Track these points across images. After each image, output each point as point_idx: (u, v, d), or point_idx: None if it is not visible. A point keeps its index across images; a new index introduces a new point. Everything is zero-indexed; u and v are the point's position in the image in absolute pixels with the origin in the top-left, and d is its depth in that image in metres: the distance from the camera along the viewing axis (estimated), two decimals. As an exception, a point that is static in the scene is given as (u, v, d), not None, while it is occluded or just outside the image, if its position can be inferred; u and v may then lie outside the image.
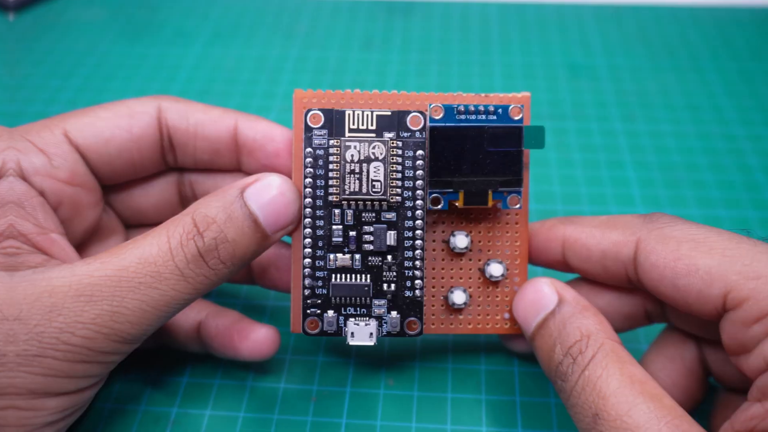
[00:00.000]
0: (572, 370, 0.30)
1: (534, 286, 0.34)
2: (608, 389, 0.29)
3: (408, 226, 0.34)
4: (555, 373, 0.32)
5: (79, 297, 0.28)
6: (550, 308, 0.33)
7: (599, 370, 0.29)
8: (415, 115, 0.34)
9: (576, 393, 0.30)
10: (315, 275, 0.34)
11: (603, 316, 0.33)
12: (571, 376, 0.30)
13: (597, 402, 0.28)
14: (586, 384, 0.29)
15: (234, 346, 0.37)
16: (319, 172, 0.33)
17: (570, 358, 0.31)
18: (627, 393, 0.28)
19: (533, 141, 0.35)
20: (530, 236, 0.37)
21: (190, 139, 0.38)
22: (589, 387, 0.29)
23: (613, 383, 0.29)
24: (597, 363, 0.30)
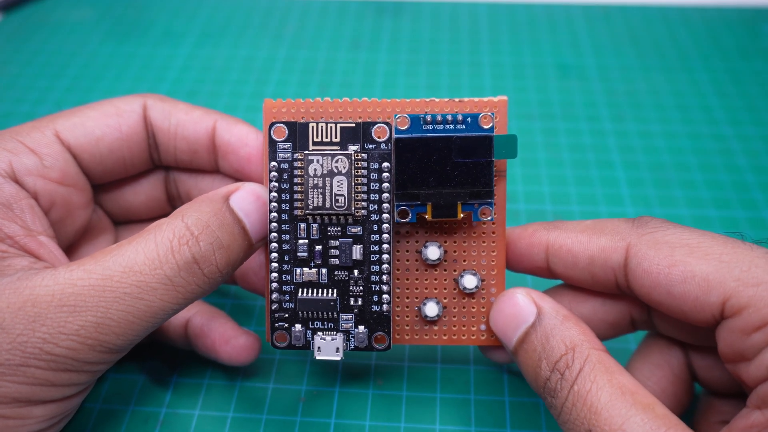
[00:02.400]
0: (561, 386, 0.30)
1: (509, 299, 0.33)
2: (599, 403, 0.28)
3: (374, 240, 0.33)
4: (543, 390, 0.31)
5: (62, 307, 0.28)
6: (529, 321, 0.32)
7: (588, 384, 0.29)
8: (381, 126, 0.33)
9: (567, 410, 0.29)
10: (282, 289, 0.34)
11: (585, 324, 0.32)
12: (560, 393, 0.29)
13: (590, 417, 0.28)
14: (576, 400, 0.29)
15: (215, 349, 0.37)
16: (284, 186, 0.33)
17: (557, 373, 0.30)
18: (619, 405, 0.27)
19: (504, 151, 0.33)
20: (511, 242, 0.36)
21: (171, 139, 0.38)
22: (579, 402, 0.28)
23: (604, 396, 0.28)
24: (585, 376, 0.29)
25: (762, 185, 0.53)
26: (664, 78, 0.65)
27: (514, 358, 0.33)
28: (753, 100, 0.61)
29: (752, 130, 0.58)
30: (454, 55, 0.68)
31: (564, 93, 0.63)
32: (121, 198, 0.39)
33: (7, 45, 0.70)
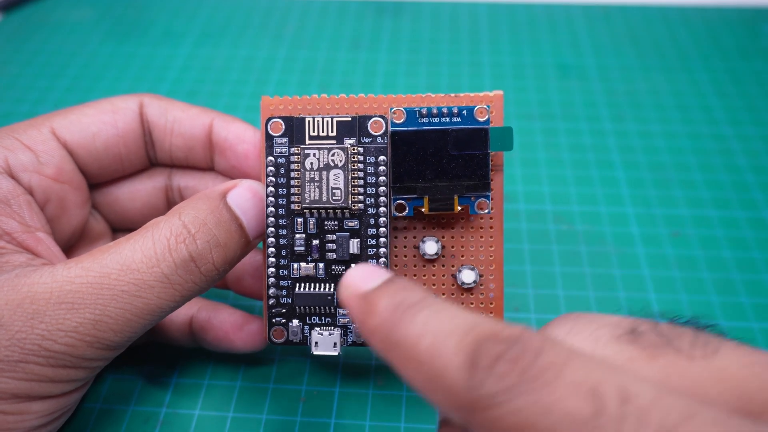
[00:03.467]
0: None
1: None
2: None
3: (371, 233, 0.33)
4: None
5: (60, 305, 0.28)
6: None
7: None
8: (376, 120, 0.33)
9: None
10: (279, 284, 0.34)
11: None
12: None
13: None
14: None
15: (229, 338, 0.37)
16: (281, 181, 0.33)
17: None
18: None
19: (500, 143, 0.33)
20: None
21: (167, 136, 0.38)
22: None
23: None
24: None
25: (762, 185, 0.53)
26: (664, 78, 0.65)
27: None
28: (753, 100, 0.61)
29: (752, 130, 0.58)
30: (454, 55, 0.68)
31: (564, 93, 0.63)
32: (119, 203, 0.39)
33: (7, 45, 0.70)
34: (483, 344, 0.21)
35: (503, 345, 0.20)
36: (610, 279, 0.46)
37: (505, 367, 0.20)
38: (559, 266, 0.47)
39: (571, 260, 0.47)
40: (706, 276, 0.46)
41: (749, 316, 0.43)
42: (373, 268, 0.26)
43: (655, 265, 0.47)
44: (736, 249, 0.48)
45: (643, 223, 0.50)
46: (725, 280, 0.46)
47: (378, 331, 0.23)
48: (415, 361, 0.22)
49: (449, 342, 0.21)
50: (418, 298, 0.23)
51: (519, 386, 0.19)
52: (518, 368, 0.20)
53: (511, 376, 0.19)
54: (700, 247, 0.48)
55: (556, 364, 0.19)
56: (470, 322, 0.22)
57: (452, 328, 0.22)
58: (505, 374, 0.20)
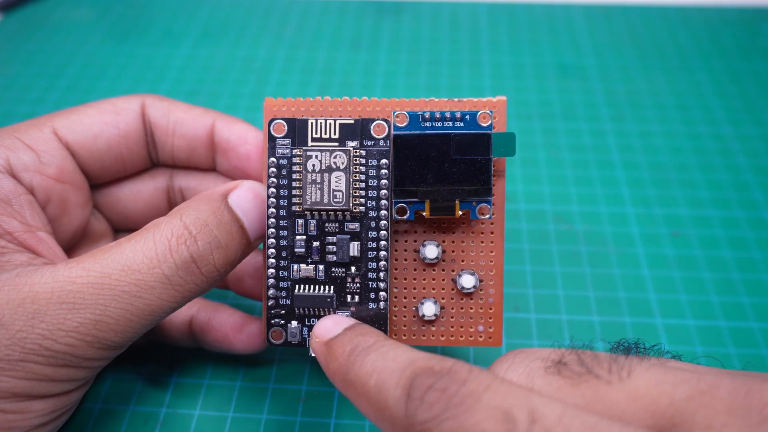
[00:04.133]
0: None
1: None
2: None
3: (372, 236, 0.33)
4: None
5: (61, 304, 0.28)
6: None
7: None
8: (379, 123, 0.33)
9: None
10: (279, 285, 0.34)
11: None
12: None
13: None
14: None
15: (228, 339, 0.37)
16: (283, 182, 0.33)
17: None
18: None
19: (503, 148, 0.33)
20: None
21: (169, 136, 0.38)
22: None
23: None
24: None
25: (762, 185, 0.53)
26: (664, 78, 0.65)
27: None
28: (753, 100, 0.61)
29: (752, 130, 0.58)
30: (454, 55, 0.68)
31: (564, 93, 0.63)
32: (121, 204, 0.39)
33: (7, 45, 0.70)
34: (417, 378, 0.24)
35: (434, 377, 0.24)
36: (610, 279, 0.46)
37: (433, 396, 0.23)
38: (559, 266, 0.47)
39: (571, 260, 0.47)
40: (706, 276, 0.46)
41: (749, 316, 0.43)
42: (339, 319, 0.31)
43: (655, 265, 0.47)
44: (736, 249, 0.48)
45: (643, 223, 0.50)
46: (725, 280, 0.46)
47: (337, 373, 0.28)
48: (365, 397, 0.26)
49: (391, 378, 0.25)
50: (371, 342, 0.27)
51: (445, 412, 0.22)
52: (445, 397, 0.23)
53: (439, 404, 0.23)
54: (700, 247, 0.48)
55: (477, 392, 0.22)
56: (409, 359, 0.25)
57: (394, 366, 0.25)
58: (434, 402, 0.23)
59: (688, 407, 0.22)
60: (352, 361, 0.27)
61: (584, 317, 0.43)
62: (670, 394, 0.23)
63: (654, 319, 0.43)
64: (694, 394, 0.23)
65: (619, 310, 0.44)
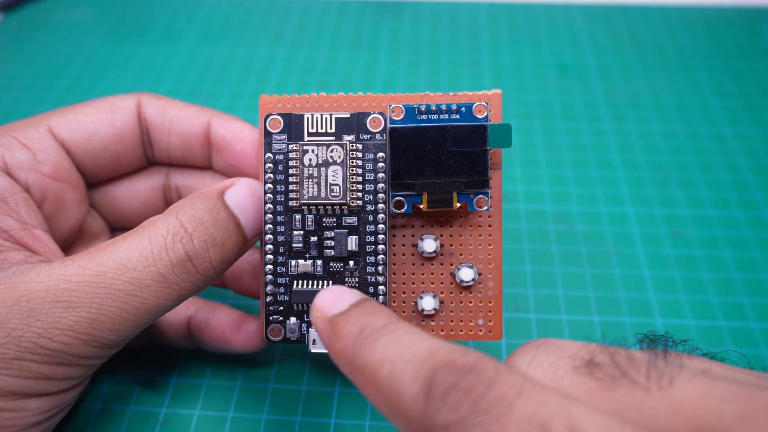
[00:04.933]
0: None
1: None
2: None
3: (370, 230, 0.33)
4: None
5: (56, 303, 0.28)
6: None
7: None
8: (375, 116, 0.33)
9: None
10: (277, 282, 0.34)
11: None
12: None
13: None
14: None
15: (227, 339, 0.37)
16: (280, 177, 0.33)
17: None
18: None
19: (499, 140, 0.33)
20: None
21: (165, 134, 0.38)
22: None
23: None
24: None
25: (762, 185, 0.53)
26: (664, 78, 0.65)
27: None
28: (753, 100, 0.61)
29: (752, 130, 0.58)
30: (454, 55, 0.68)
31: (564, 93, 0.63)
32: (117, 203, 0.39)
33: (7, 45, 0.70)
34: (438, 373, 0.22)
35: (458, 374, 0.21)
36: (610, 279, 0.46)
37: (458, 397, 0.21)
38: (559, 266, 0.47)
39: (571, 260, 0.47)
40: (706, 276, 0.46)
41: (749, 316, 0.43)
42: (343, 291, 0.28)
43: (655, 265, 0.47)
44: (736, 249, 0.48)
45: (643, 223, 0.50)
46: (725, 280, 0.46)
47: (342, 355, 0.25)
48: (375, 387, 0.23)
49: (407, 370, 0.22)
50: (382, 324, 0.25)
51: (471, 418, 0.20)
52: (471, 399, 0.21)
53: (464, 408, 0.21)
54: (700, 247, 0.48)
55: (508, 397, 0.20)
56: (428, 349, 0.23)
57: (410, 356, 0.23)
58: (458, 405, 0.21)
59: (740, 427, 0.21)
60: (360, 344, 0.25)
61: (584, 317, 0.43)
62: (718, 411, 0.21)
63: (654, 319, 0.43)
64: (746, 413, 0.21)
65: (619, 310, 0.44)
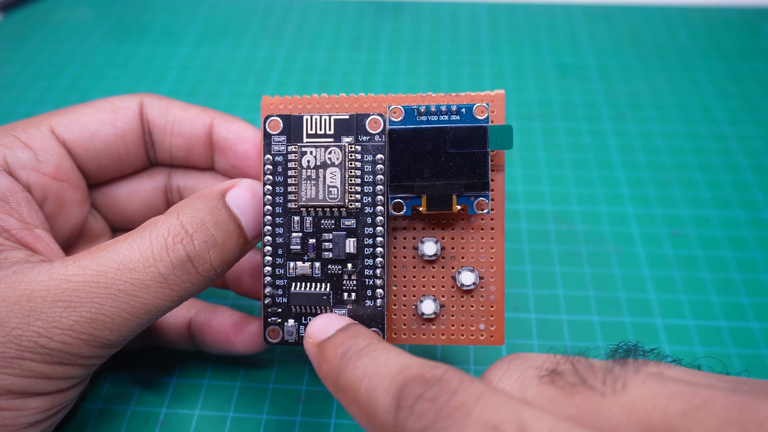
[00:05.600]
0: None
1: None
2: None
3: (368, 233, 0.33)
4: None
5: (57, 302, 0.28)
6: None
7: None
8: (374, 118, 0.33)
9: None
10: (275, 284, 0.34)
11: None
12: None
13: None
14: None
15: (229, 340, 0.37)
16: (278, 179, 0.33)
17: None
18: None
19: (500, 141, 0.32)
20: None
21: (167, 135, 0.38)
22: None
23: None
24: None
25: (762, 185, 0.53)
26: (664, 78, 0.65)
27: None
28: (753, 100, 0.61)
29: (752, 130, 0.58)
30: (454, 55, 0.68)
31: (564, 93, 0.63)
32: (118, 203, 0.39)
33: (7, 45, 0.70)
34: (408, 386, 0.24)
35: (425, 386, 0.23)
36: (610, 279, 0.46)
37: (423, 406, 0.23)
38: (559, 266, 0.47)
39: (571, 260, 0.47)
40: (706, 276, 0.46)
41: (749, 316, 0.43)
42: (333, 319, 0.30)
43: (655, 265, 0.47)
44: (736, 249, 0.48)
45: (643, 223, 0.50)
46: (725, 280, 0.46)
47: (329, 376, 0.27)
48: (355, 403, 0.25)
49: (381, 385, 0.24)
50: (363, 345, 0.27)
51: (434, 424, 0.22)
52: (435, 407, 0.22)
53: (428, 415, 0.22)
54: (700, 247, 0.48)
55: (467, 404, 0.22)
56: (400, 365, 0.25)
57: (385, 372, 0.25)
58: (423, 413, 0.23)
59: (682, 423, 0.22)
60: (343, 364, 0.27)
61: (584, 317, 0.43)
62: (664, 408, 0.22)
63: (654, 319, 0.43)
64: (688, 409, 0.22)
65: (619, 310, 0.44)
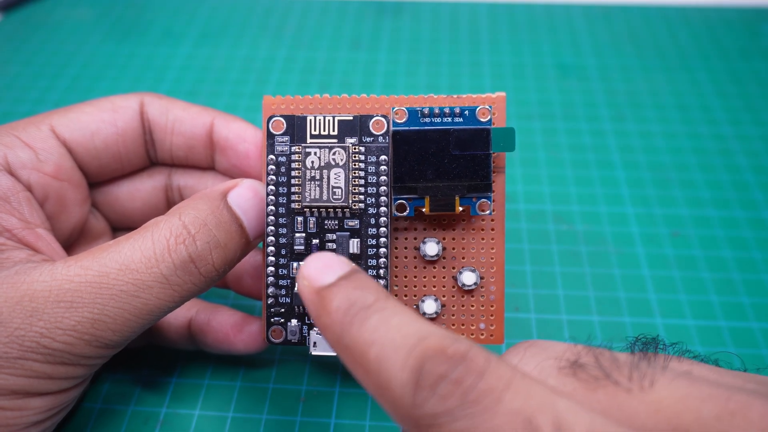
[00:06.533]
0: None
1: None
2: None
3: (371, 233, 0.33)
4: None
5: (59, 303, 0.28)
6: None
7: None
8: (378, 119, 0.33)
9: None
10: (278, 284, 0.34)
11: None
12: None
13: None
14: None
15: (229, 340, 0.37)
16: (282, 179, 0.33)
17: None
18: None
19: (502, 143, 0.33)
20: None
21: (168, 135, 0.38)
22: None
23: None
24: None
25: (762, 185, 0.53)
26: (664, 78, 0.65)
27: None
28: (752, 100, 0.61)
29: (752, 130, 0.58)
30: (454, 55, 0.68)
31: (564, 93, 0.63)
32: (119, 203, 0.39)
33: (7, 45, 0.70)
34: (428, 362, 0.22)
35: (448, 364, 0.21)
36: (610, 279, 0.46)
37: (448, 388, 0.21)
38: (559, 266, 0.47)
39: (571, 260, 0.47)
40: (706, 276, 0.46)
41: (749, 316, 0.43)
42: (332, 259, 0.26)
43: (655, 265, 0.47)
44: (736, 249, 0.48)
45: (643, 223, 0.50)
46: (725, 280, 0.46)
47: (329, 330, 0.24)
48: (363, 369, 0.23)
49: (396, 356, 0.22)
50: (371, 301, 0.24)
51: (460, 409, 0.21)
52: (460, 391, 0.21)
53: (453, 399, 0.21)
54: (700, 247, 0.48)
55: (497, 389, 0.21)
56: (417, 334, 0.23)
57: (400, 341, 0.22)
58: (447, 396, 0.21)
59: (717, 427, 0.21)
60: (348, 322, 0.24)
61: (584, 317, 0.43)
62: (697, 411, 0.21)
63: (654, 319, 0.43)
64: (723, 415, 0.21)
65: (619, 310, 0.44)
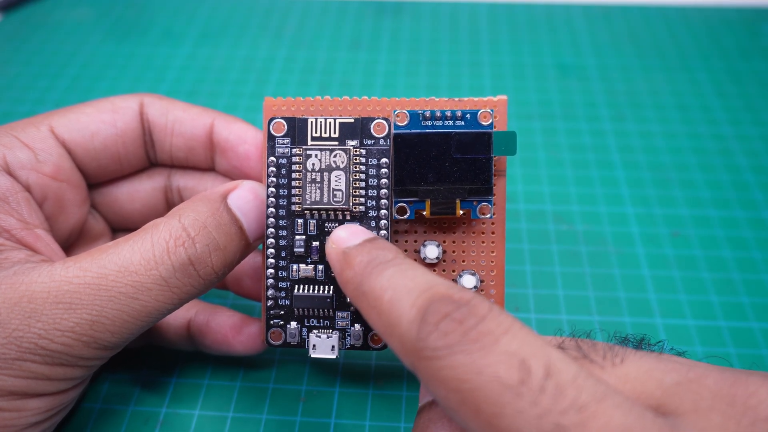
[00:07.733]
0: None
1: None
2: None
3: None
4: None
5: (57, 304, 0.28)
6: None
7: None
8: (379, 122, 0.33)
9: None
10: (278, 286, 0.33)
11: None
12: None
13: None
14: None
15: (227, 341, 0.37)
16: (282, 181, 0.33)
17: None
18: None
19: (503, 147, 0.33)
20: None
21: (167, 136, 0.38)
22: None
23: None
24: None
25: (762, 185, 0.53)
26: (664, 78, 0.64)
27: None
28: (752, 100, 0.61)
29: (752, 130, 0.58)
30: (454, 55, 0.68)
31: (564, 93, 0.63)
32: (118, 204, 0.39)
33: (7, 45, 0.70)
34: (435, 303, 0.24)
35: (452, 306, 0.24)
36: (610, 279, 0.46)
37: (450, 325, 0.23)
38: (559, 266, 0.47)
39: (571, 260, 0.47)
40: (706, 276, 0.46)
41: (749, 316, 0.43)
42: (358, 229, 0.30)
43: (655, 265, 0.47)
44: (736, 249, 0.48)
45: (643, 223, 0.50)
46: (725, 280, 0.46)
47: (351, 281, 0.28)
48: (377, 310, 0.26)
49: (407, 298, 0.25)
50: (390, 257, 0.27)
51: (459, 345, 0.22)
52: (461, 329, 0.23)
53: (454, 335, 0.23)
54: (700, 247, 0.48)
55: (496, 332, 0.22)
56: (428, 282, 0.25)
57: (412, 286, 0.25)
58: (448, 332, 0.23)
59: (676, 391, 0.23)
60: (368, 272, 0.27)
61: (584, 317, 0.43)
62: (659, 379, 0.24)
63: (654, 319, 0.43)
64: (683, 381, 0.23)
65: (619, 310, 0.44)
